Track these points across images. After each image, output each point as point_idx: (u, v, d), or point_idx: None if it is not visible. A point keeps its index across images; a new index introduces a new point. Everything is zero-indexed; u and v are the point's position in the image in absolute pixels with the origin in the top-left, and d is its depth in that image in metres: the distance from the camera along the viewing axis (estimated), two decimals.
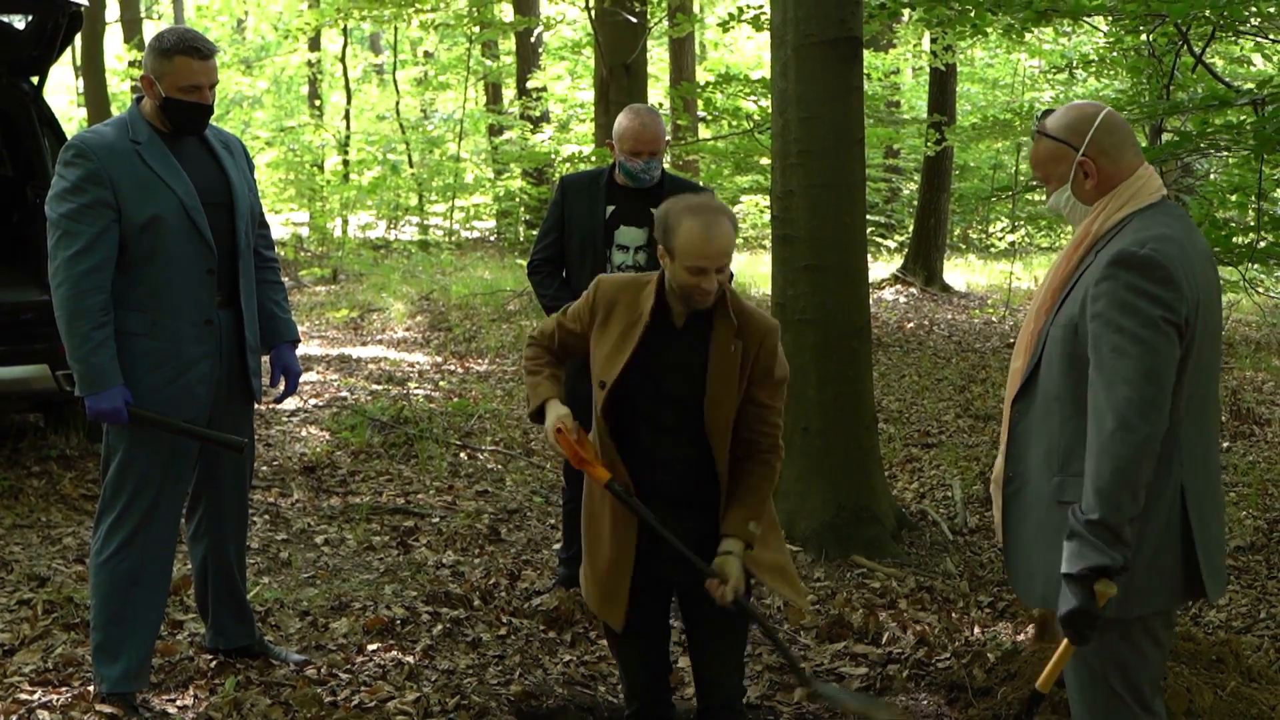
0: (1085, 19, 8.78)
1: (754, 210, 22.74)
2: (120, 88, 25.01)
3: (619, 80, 11.65)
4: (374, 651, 4.70)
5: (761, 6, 11.46)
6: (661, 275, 3.58)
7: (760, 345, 3.55)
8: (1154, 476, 2.82)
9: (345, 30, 23.91)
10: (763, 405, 3.59)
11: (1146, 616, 2.95)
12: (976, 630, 5.19)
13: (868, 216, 7.74)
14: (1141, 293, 2.79)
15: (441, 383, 10.73)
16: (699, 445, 3.60)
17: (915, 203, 18.41)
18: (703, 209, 3.44)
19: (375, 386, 10.37)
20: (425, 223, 24.02)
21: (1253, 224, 7.20)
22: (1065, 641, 2.91)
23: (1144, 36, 8.55)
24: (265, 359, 4.43)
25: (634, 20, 11.62)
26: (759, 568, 3.65)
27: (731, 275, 3.56)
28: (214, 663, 4.45)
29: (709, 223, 3.40)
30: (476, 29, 19.62)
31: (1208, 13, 6.79)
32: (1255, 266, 7.44)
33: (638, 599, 3.72)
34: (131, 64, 22.12)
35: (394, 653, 4.69)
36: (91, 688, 4.10)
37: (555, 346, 3.78)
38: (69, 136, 5.36)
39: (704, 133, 17.65)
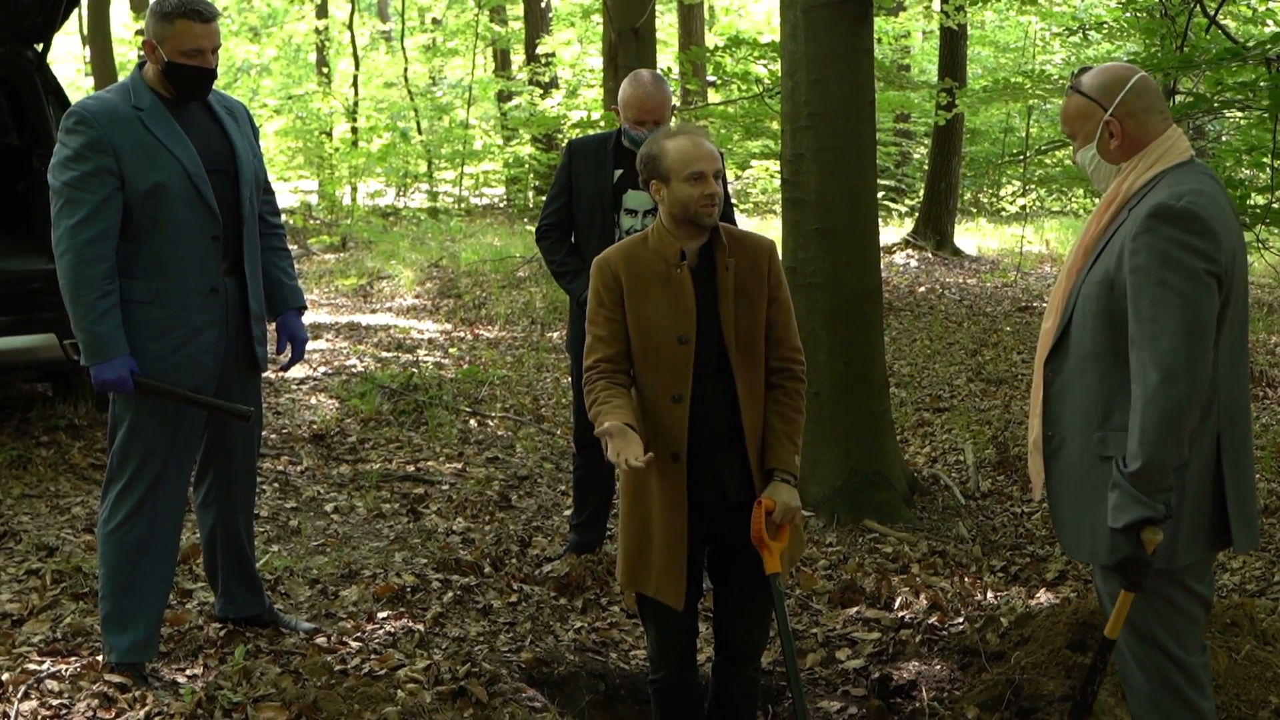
0: None
1: (764, 175, 22.62)
2: (128, 56, 24.92)
3: (628, 45, 11.52)
4: (384, 619, 4.69)
5: None
6: (657, 225, 3.56)
7: (769, 261, 3.57)
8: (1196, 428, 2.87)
9: None
10: (782, 328, 3.58)
11: (1177, 570, 2.96)
12: (989, 594, 5.16)
13: (878, 181, 7.68)
14: (1182, 245, 2.81)
15: (451, 350, 10.71)
16: (729, 382, 3.53)
17: (926, 167, 18.28)
18: (680, 129, 3.54)
19: (384, 354, 10.35)
20: (434, 190, 23.99)
21: (1268, 184, 7.12)
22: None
23: None
24: (271, 326, 4.40)
25: None
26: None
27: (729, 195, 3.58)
28: (223, 632, 4.44)
29: (690, 134, 3.51)
30: None
31: None
32: (1268, 225, 7.36)
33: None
34: (138, 32, 22.03)
35: (404, 620, 4.68)
36: (100, 657, 4.09)
37: (615, 354, 3.54)
38: None
39: (713, 97, 17.57)
